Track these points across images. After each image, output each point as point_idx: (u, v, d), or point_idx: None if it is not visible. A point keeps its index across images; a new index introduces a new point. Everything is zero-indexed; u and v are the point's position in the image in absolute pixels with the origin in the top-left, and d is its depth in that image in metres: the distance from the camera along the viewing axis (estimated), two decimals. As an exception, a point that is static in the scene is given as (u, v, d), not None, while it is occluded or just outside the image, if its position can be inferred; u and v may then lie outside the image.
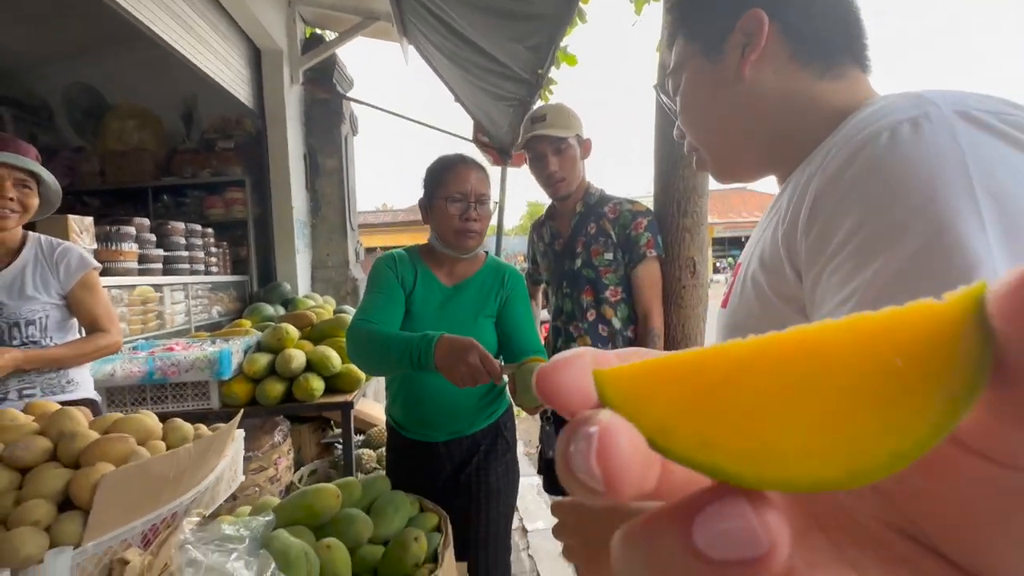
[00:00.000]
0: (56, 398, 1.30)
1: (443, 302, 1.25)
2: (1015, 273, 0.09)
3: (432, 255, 1.29)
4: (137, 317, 2.32)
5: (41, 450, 0.75)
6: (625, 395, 0.12)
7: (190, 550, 0.76)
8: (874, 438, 0.10)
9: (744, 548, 0.09)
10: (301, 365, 1.93)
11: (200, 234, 3.04)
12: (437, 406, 1.24)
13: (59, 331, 1.36)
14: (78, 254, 1.41)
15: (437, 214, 1.21)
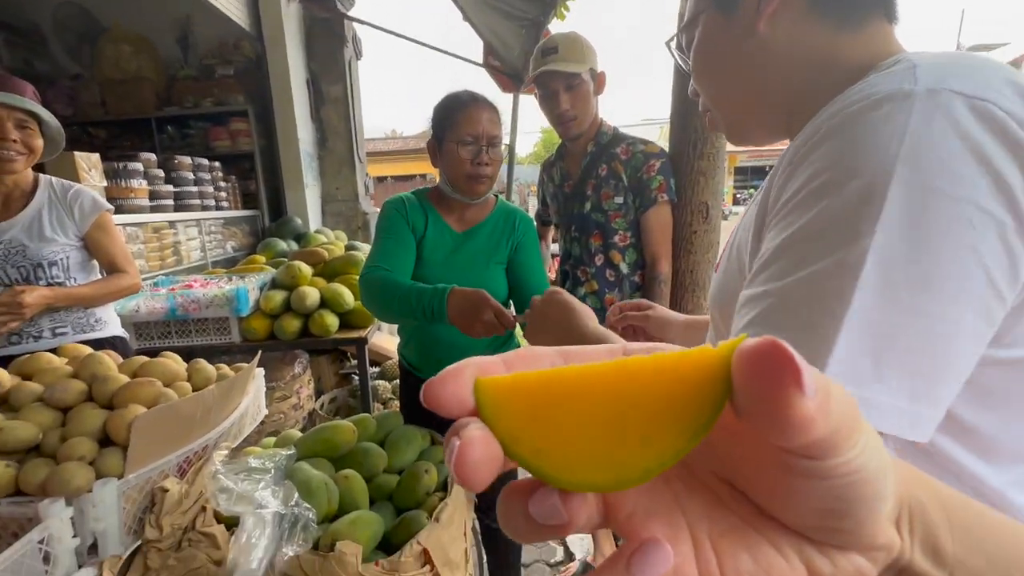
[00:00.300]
0: (86, 336, 1.38)
1: (454, 249, 1.24)
2: (758, 340, 0.13)
3: (442, 199, 1.26)
4: (155, 254, 2.38)
5: (77, 392, 0.80)
6: (491, 406, 0.15)
7: (221, 479, 0.84)
8: (634, 458, 0.15)
9: (552, 518, 0.15)
10: (315, 302, 1.98)
11: (208, 168, 3.01)
12: (449, 349, 1.28)
13: (81, 272, 1.40)
14: (90, 196, 1.42)
15: (447, 158, 1.17)
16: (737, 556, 0.16)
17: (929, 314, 0.32)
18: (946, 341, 0.33)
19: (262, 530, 0.76)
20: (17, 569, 0.59)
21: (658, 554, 0.14)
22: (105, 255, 1.42)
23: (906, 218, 0.33)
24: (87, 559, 0.70)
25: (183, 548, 0.78)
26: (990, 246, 0.32)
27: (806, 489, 0.14)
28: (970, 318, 0.33)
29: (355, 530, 0.82)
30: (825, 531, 0.15)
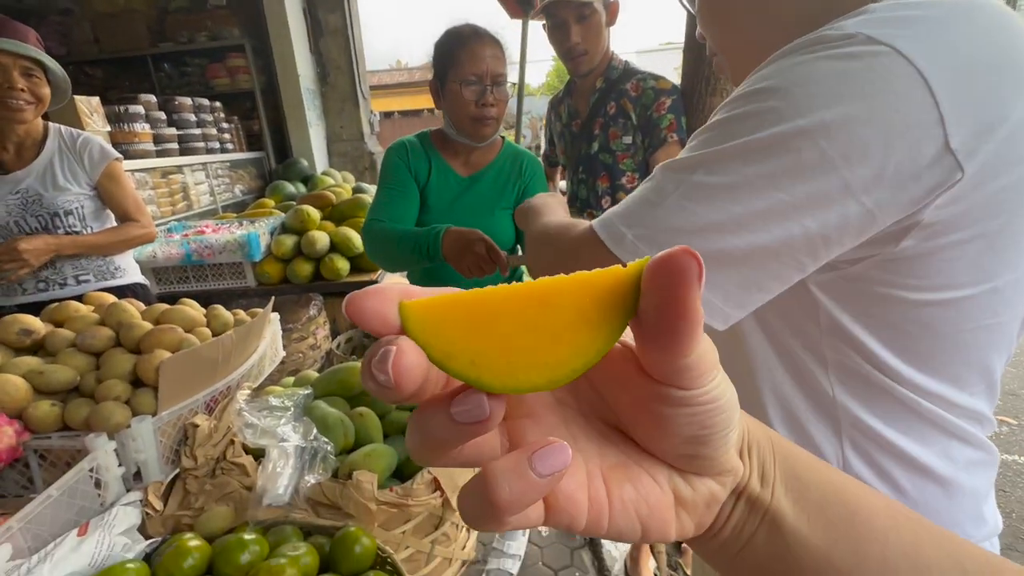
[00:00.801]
0: (107, 283, 1.44)
1: (459, 194, 1.23)
2: (665, 252, 0.15)
3: (446, 143, 1.23)
4: (165, 199, 2.40)
5: (106, 338, 0.86)
6: (419, 324, 0.17)
7: (246, 416, 0.91)
8: (563, 359, 0.17)
9: (474, 415, 0.16)
10: (325, 246, 2.01)
11: (209, 109, 2.95)
12: None
13: (96, 221, 1.43)
14: (98, 144, 1.42)
15: (450, 99, 1.13)
16: (622, 486, 0.19)
17: (753, 232, 0.37)
18: (762, 258, 0.38)
19: (286, 461, 0.83)
20: (74, 492, 0.66)
21: (559, 451, 0.17)
22: (117, 204, 1.45)
23: (773, 147, 0.36)
24: (133, 484, 0.79)
25: (217, 475, 0.86)
26: (827, 193, 0.36)
27: (676, 420, 0.18)
28: (786, 250, 0.38)
29: (370, 461, 0.89)
30: (688, 459, 0.19)
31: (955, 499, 0.47)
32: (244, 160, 3.28)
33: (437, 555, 0.93)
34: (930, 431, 0.46)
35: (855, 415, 0.46)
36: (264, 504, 0.79)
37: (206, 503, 0.83)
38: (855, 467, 0.47)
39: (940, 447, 0.46)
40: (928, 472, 0.46)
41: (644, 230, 0.42)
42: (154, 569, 0.63)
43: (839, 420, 0.47)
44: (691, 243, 0.35)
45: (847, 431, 0.47)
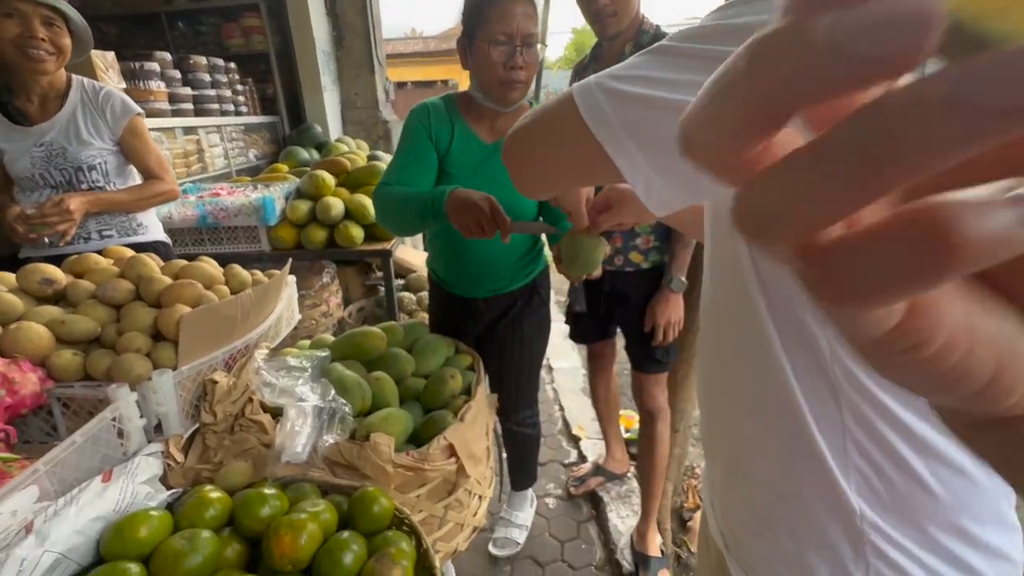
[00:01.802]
0: (130, 240, 1.43)
1: (482, 161, 1.18)
2: None
3: (472, 106, 1.18)
4: (180, 160, 2.38)
5: (126, 291, 0.85)
6: None
7: (264, 374, 0.91)
8: None
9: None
10: (340, 213, 1.99)
11: (224, 70, 2.91)
12: (478, 266, 1.28)
13: (119, 177, 1.42)
14: (120, 99, 1.40)
15: (478, 59, 1.08)
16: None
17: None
18: None
19: (304, 420, 0.83)
20: (97, 440, 0.67)
21: None
22: (140, 161, 1.43)
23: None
24: (154, 436, 0.79)
25: (235, 432, 0.87)
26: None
27: None
28: None
29: (387, 424, 0.89)
30: None
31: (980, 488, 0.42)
32: (258, 124, 3.25)
33: (450, 520, 0.94)
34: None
35: (856, 378, 0.41)
36: (283, 461, 0.80)
37: (225, 458, 0.83)
38: (858, 438, 0.42)
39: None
40: (940, 456, 0.41)
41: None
42: (176, 517, 0.63)
43: (839, 383, 0.42)
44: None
45: (845, 395, 0.42)
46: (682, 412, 1.53)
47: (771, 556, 0.52)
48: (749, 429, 0.51)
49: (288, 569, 0.59)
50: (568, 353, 2.87)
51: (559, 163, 0.50)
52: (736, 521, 0.56)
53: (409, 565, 0.61)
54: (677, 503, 1.77)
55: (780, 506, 0.49)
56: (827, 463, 0.44)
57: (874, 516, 0.43)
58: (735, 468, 0.54)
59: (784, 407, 0.46)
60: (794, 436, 0.46)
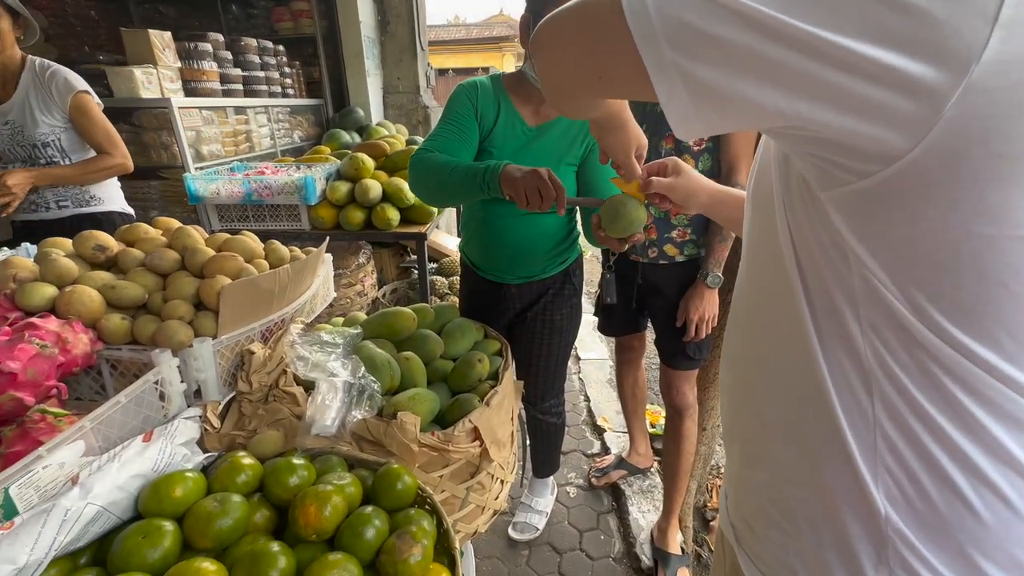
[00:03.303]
0: (84, 210, 1.57)
1: (525, 144, 1.17)
2: None
3: (519, 87, 1.16)
4: (229, 139, 2.46)
5: (173, 260, 0.89)
6: None
7: (298, 348, 0.93)
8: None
9: None
10: (378, 195, 2.02)
11: (272, 52, 2.98)
12: (512, 251, 1.26)
13: (76, 152, 1.53)
14: (63, 76, 1.47)
15: None
16: None
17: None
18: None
19: (334, 394, 0.85)
20: (140, 401, 0.70)
21: None
22: (89, 136, 1.51)
23: None
24: (193, 401, 0.83)
25: (269, 402, 0.90)
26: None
27: None
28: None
29: (415, 404, 0.90)
30: None
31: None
32: (303, 106, 3.32)
33: (471, 502, 0.94)
34: (971, 406, 0.36)
35: (890, 368, 0.38)
36: (312, 433, 0.82)
37: (258, 426, 0.86)
38: (890, 434, 0.39)
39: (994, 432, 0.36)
40: (984, 478, 0.37)
41: None
42: (210, 480, 0.66)
43: (873, 373, 0.39)
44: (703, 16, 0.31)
45: (879, 387, 0.39)
46: (711, 410, 1.49)
47: (786, 547, 0.49)
48: (772, 412, 0.48)
49: (312, 538, 0.61)
50: (596, 344, 2.84)
51: (590, 65, 0.42)
52: (752, 509, 0.53)
53: (429, 544, 0.62)
54: (700, 502, 1.73)
55: (800, 495, 0.46)
56: (853, 456, 0.41)
57: (902, 524, 0.40)
58: (755, 453, 0.52)
59: (811, 393, 0.43)
60: (819, 423, 0.43)
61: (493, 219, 1.24)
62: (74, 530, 0.53)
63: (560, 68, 0.46)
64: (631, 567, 1.55)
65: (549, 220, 1.23)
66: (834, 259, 0.39)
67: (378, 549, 0.61)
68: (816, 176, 0.38)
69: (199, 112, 2.22)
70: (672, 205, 0.82)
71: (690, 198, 0.79)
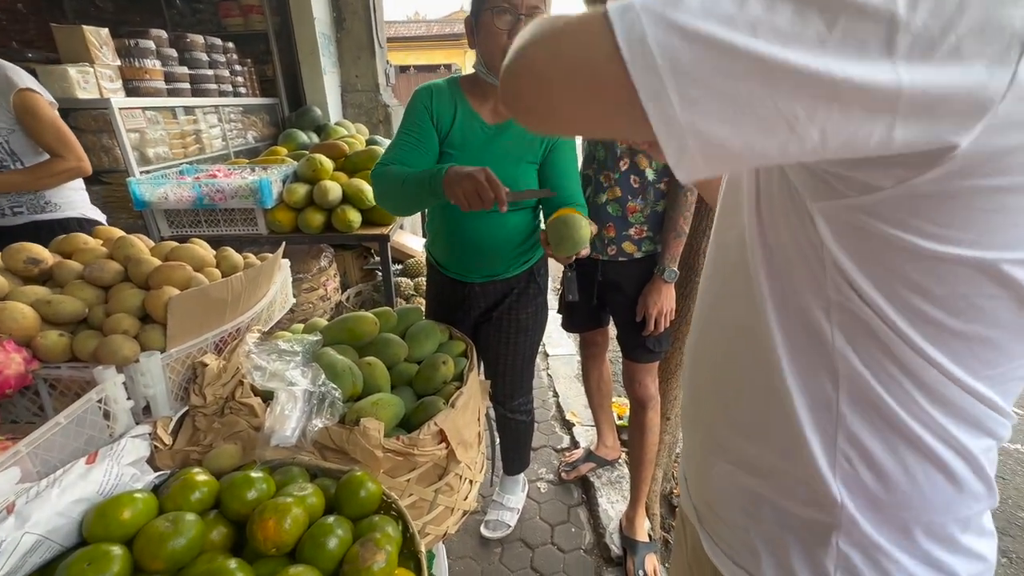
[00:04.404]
0: (41, 217, 1.47)
1: (484, 143, 1.17)
2: None
3: (476, 87, 1.17)
4: (177, 141, 2.36)
5: (115, 271, 0.85)
6: None
7: (255, 358, 0.91)
8: None
9: None
10: (338, 197, 1.98)
11: (222, 49, 2.86)
12: (475, 250, 1.27)
13: (29, 156, 1.42)
14: (3, 73, 1.36)
15: (483, 32, 1.07)
16: None
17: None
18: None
19: (294, 404, 0.83)
20: (82, 422, 0.67)
21: None
22: (38, 138, 1.40)
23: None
24: (142, 419, 0.80)
25: (225, 414, 0.87)
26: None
27: None
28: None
29: (378, 409, 0.89)
30: None
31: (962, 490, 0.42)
32: (257, 106, 3.21)
33: (440, 504, 0.94)
34: (936, 409, 0.40)
35: (855, 369, 0.40)
36: (272, 444, 0.80)
37: (214, 441, 0.83)
38: (852, 428, 0.42)
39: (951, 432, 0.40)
40: (931, 454, 0.41)
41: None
42: (162, 500, 0.63)
43: (837, 371, 0.41)
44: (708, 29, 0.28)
45: (844, 384, 0.41)
46: (673, 400, 1.54)
47: (747, 529, 0.51)
48: (735, 404, 0.50)
49: (272, 552, 0.60)
50: (563, 340, 2.88)
51: (584, 120, 0.36)
52: (715, 493, 0.55)
53: (394, 550, 0.62)
54: (666, 489, 1.79)
55: (762, 484, 0.49)
56: (813, 448, 0.43)
57: (854, 509, 0.43)
58: (718, 442, 0.54)
59: (775, 387, 0.45)
60: (781, 416, 0.45)
61: (456, 218, 1.24)
62: (11, 561, 0.50)
63: (549, 124, 0.39)
64: (601, 557, 1.58)
65: (512, 219, 1.24)
66: (811, 263, 0.40)
67: (341, 558, 0.60)
68: (811, 187, 0.38)
69: (143, 113, 2.12)
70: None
71: None
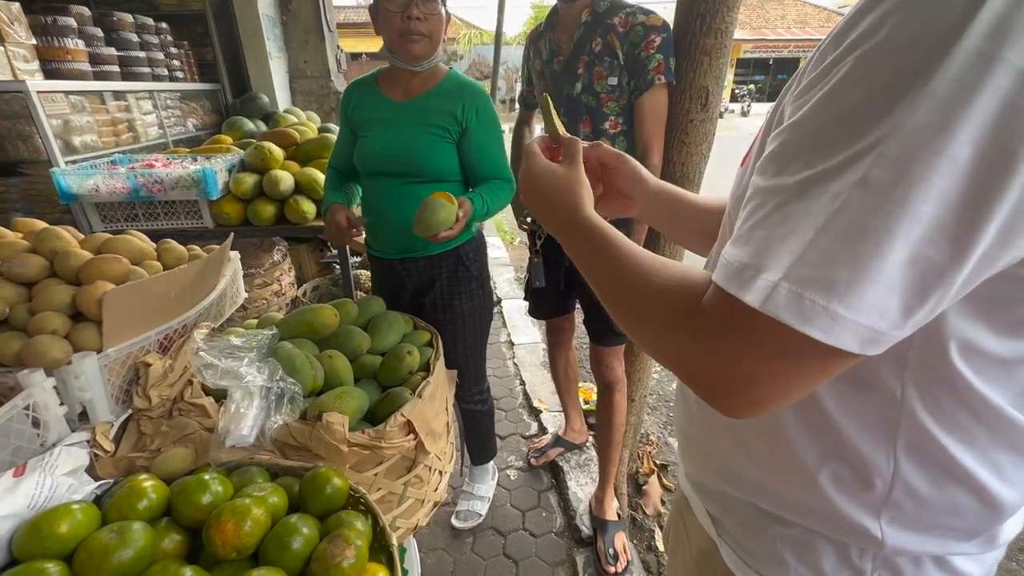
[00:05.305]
0: None
1: (390, 117, 1.22)
2: None
3: (389, 75, 1.24)
4: (107, 128, 2.18)
5: (39, 267, 0.77)
6: None
7: (205, 356, 0.85)
8: None
9: None
10: (290, 187, 1.89)
11: (154, 30, 2.66)
12: (388, 224, 1.28)
13: None
14: None
15: (382, 17, 1.13)
16: None
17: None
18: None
19: (250, 401, 0.79)
20: (7, 431, 0.60)
21: None
22: None
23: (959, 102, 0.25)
24: (79, 425, 0.73)
25: (174, 416, 0.81)
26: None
27: None
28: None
29: (341, 403, 0.86)
30: None
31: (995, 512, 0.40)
32: (197, 92, 3.01)
33: (410, 496, 0.92)
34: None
35: (920, 422, 0.38)
36: (227, 445, 0.75)
37: (163, 445, 0.78)
38: (909, 477, 0.39)
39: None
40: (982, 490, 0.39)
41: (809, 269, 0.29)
42: (105, 511, 0.59)
43: (898, 425, 0.39)
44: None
45: (905, 435, 0.39)
46: (638, 382, 1.57)
47: (774, 538, 0.47)
48: (757, 444, 0.46)
49: (232, 557, 0.56)
50: (529, 328, 2.89)
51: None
52: (734, 510, 0.51)
53: (364, 544, 0.59)
54: (633, 469, 1.84)
55: (789, 512, 0.46)
56: (857, 501, 0.41)
57: (896, 538, 0.41)
58: (737, 474, 0.49)
59: (816, 430, 0.42)
60: (812, 465, 0.42)
61: (373, 192, 1.30)
62: (-74, 589, 0.45)
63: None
64: (572, 538, 1.61)
65: (425, 193, 1.15)
66: None
67: (308, 557, 0.58)
68: None
69: (65, 97, 1.94)
70: (616, 194, 0.68)
71: (634, 183, 0.65)
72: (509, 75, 17.17)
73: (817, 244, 0.29)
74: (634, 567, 1.49)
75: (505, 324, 2.99)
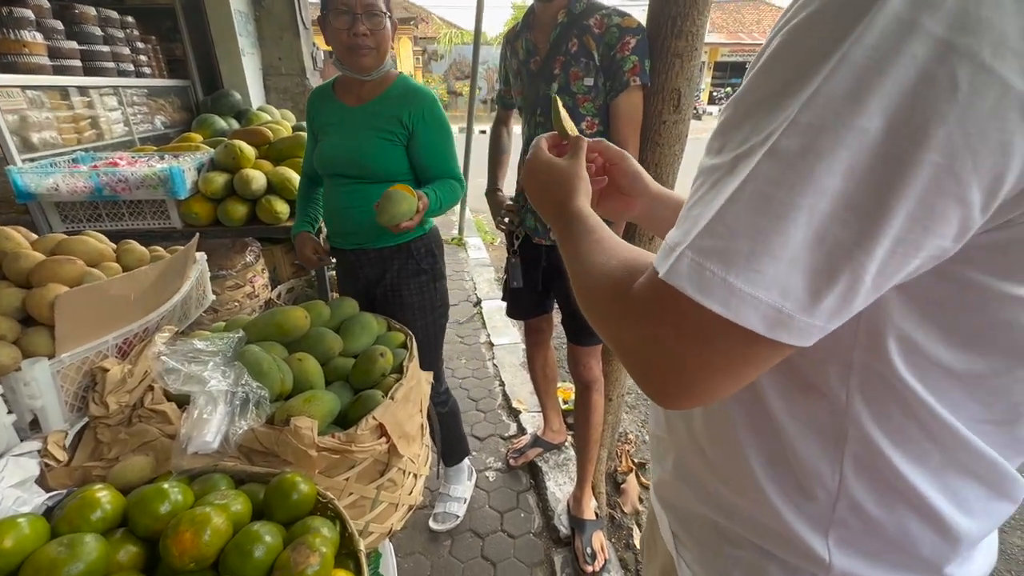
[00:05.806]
0: None
1: (342, 121, 1.27)
2: None
3: (344, 80, 1.29)
4: (68, 125, 2.09)
5: (-14, 269, 0.73)
6: None
7: (167, 360, 0.82)
8: None
9: None
10: (262, 187, 1.85)
11: (119, 23, 2.57)
12: (340, 214, 1.34)
13: None
14: None
15: (330, 31, 1.18)
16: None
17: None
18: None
19: (214, 406, 0.77)
20: (-52, 443, 0.57)
21: None
22: None
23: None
24: (30, 434, 0.70)
25: (134, 424, 0.78)
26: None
27: None
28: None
29: (310, 407, 0.84)
30: None
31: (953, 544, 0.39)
32: (165, 88, 2.92)
33: (383, 500, 0.91)
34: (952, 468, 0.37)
35: (867, 434, 0.37)
36: (190, 452, 0.73)
37: (121, 453, 0.75)
38: (855, 493, 0.39)
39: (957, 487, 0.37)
40: (934, 517, 0.38)
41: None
42: (55, 523, 0.56)
43: (845, 435, 0.38)
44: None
45: (852, 447, 0.38)
46: (616, 381, 1.58)
47: (726, 555, 0.47)
48: (714, 453, 0.47)
49: (191, 568, 0.54)
50: (508, 329, 2.88)
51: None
52: (690, 523, 0.52)
53: (330, 551, 0.58)
54: (611, 467, 1.85)
55: (740, 527, 0.46)
56: (800, 514, 0.41)
57: (844, 563, 0.40)
58: (696, 482, 0.50)
59: (765, 440, 0.41)
60: (763, 475, 0.41)
61: (329, 192, 1.36)
62: None
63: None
64: (550, 539, 1.61)
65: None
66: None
67: (271, 566, 0.56)
68: None
69: (22, 92, 1.86)
70: (616, 191, 0.67)
71: (634, 181, 0.64)
72: (490, 75, 17.17)
73: (723, 215, 0.28)
74: (612, 566, 1.50)
75: (485, 325, 2.98)
